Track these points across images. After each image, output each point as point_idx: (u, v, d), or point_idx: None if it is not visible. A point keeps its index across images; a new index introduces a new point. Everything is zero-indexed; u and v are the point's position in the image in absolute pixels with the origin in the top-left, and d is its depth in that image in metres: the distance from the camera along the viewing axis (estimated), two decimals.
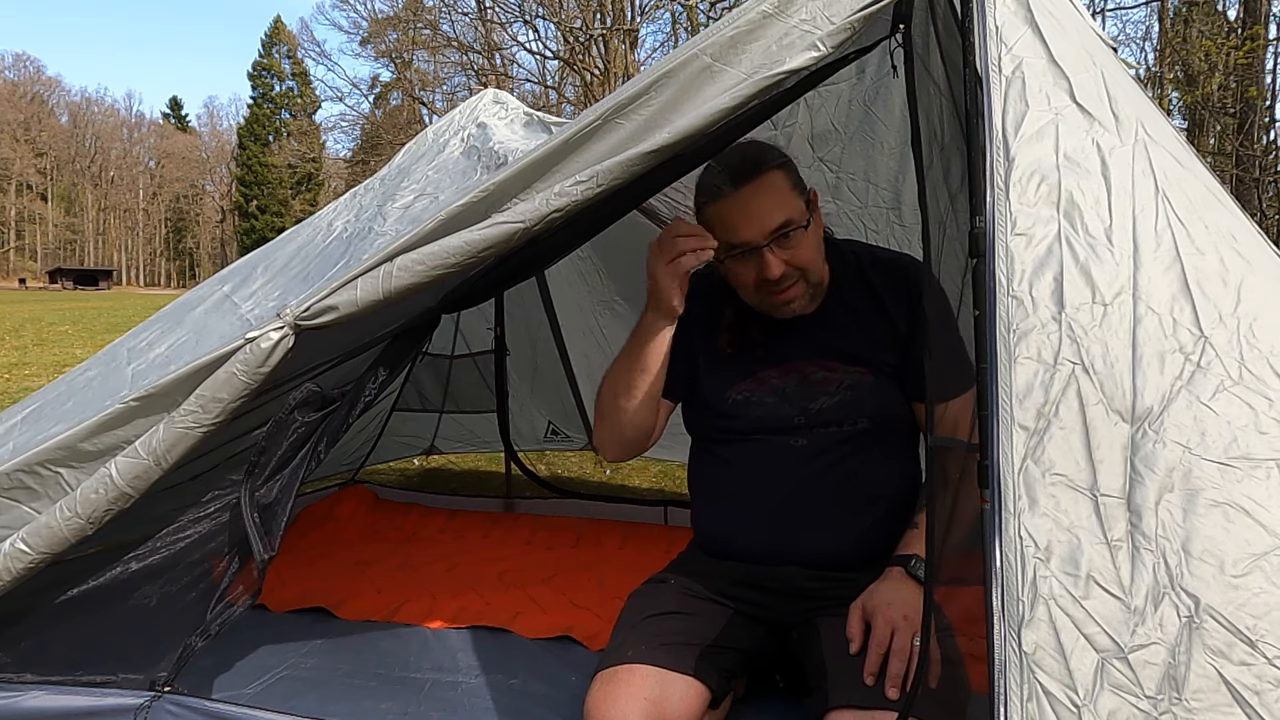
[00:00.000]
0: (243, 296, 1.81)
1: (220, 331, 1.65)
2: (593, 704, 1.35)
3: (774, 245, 1.49)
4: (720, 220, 1.51)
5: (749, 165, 1.50)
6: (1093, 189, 1.13)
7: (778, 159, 1.54)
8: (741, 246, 1.50)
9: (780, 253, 1.50)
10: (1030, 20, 1.25)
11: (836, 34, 1.26)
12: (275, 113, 66.99)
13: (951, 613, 1.34)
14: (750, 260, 1.51)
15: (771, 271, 1.49)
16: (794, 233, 1.50)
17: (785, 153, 1.57)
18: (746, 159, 1.51)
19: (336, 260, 1.76)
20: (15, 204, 71.47)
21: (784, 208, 1.50)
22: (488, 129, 2.14)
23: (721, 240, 1.50)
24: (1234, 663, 0.90)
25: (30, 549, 1.37)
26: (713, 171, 1.54)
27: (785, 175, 1.53)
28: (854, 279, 1.63)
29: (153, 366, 1.63)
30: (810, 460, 1.55)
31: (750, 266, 1.52)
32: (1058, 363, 1.04)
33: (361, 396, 1.52)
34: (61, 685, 1.45)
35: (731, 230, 1.50)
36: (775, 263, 1.49)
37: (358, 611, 2.13)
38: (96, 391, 1.64)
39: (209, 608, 1.47)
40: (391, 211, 1.89)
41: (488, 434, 3.75)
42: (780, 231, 1.49)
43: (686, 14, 19.01)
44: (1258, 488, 0.97)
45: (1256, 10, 11.14)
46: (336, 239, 1.93)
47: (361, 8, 30.00)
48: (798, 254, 1.51)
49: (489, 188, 1.35)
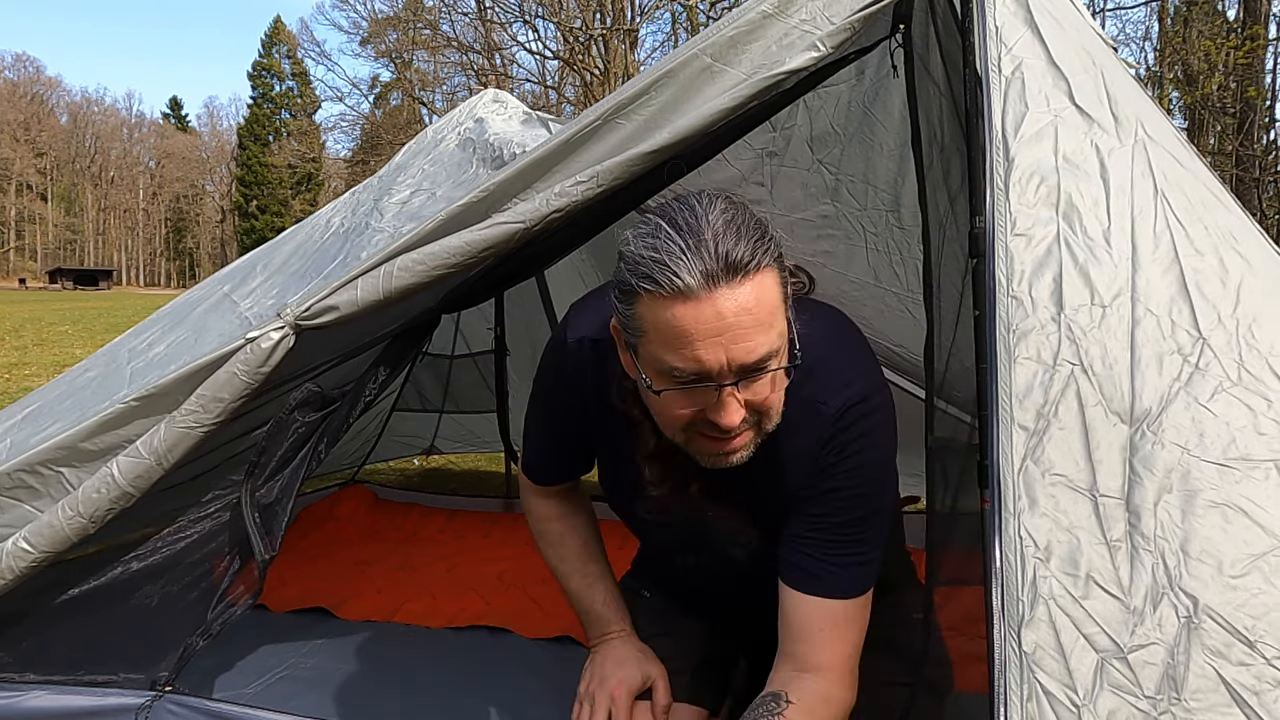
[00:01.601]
0: (241, 295, 1.81)
1: (219, 330, 1.65)
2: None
3: (739, 383, 1.02)
4: (668, 330, 1.00)
5: (731, 254, 0.98)
6: (1091, 191, 1.13)
7: (771, 249, 1.03)
8: (690, 377, 1.02)
9: (744, 391, 1.03)
10: (1030, 21, 1.25)
11: (836, 34, 1.26)
12: (275, 113, 67.02)
13: (951, 613, 1.34)
14: (693, 395, 1.04)
15: (728, 419, 1.03)
16: (771, 369, 1.04)
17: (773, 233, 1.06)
18: (728, 240, 0.99)
19: (334, 256, 1.76)
20: (15, 204, 71.46)
21: (771, 329, 1.02)
22: (484, 123, 2.14)
23: (659, 359, 1.02)
24: (1233, 663, 0.91)
25: (32, 548, 1.37)
26: (664, 245, 0.99)
27: (777, 275, 1.04)
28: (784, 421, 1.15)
29: (152, 365, 1.63)
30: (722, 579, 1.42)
31: (690, 402, 1.05)
32: (1057, 363, 1.04)
33: (361, 396, 1.52)
34: (63, 685, 1.45)
35: (684, 349, 0.99)
36: (735, 409, 1.03)
37: (358, 611, 2.13)
38: (96, 391, 1.64)
39: (210, 608, 1.47)
40: (389, 207, 1.88)
41: (488, 434, 3.75)
42: (756, 368, 1.02)
43: (686, 14, 19.02)
44: (1256, 489, 0.97)
45: (1256, 10, 11.15)
46: (334, 235, 1.93)
47: (361, 8, 30.03)
48: (763, 394, 1.05)
49: (489, 188, 1.35)
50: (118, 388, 1.56)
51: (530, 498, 1.53)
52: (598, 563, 1.49)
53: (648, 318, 1.01)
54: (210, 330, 1.67)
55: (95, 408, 1.47)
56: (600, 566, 1.49)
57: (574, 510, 1.51)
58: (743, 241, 0.99)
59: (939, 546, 1.34)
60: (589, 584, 1.47)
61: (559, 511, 1.50)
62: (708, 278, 0.97)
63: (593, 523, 1.53)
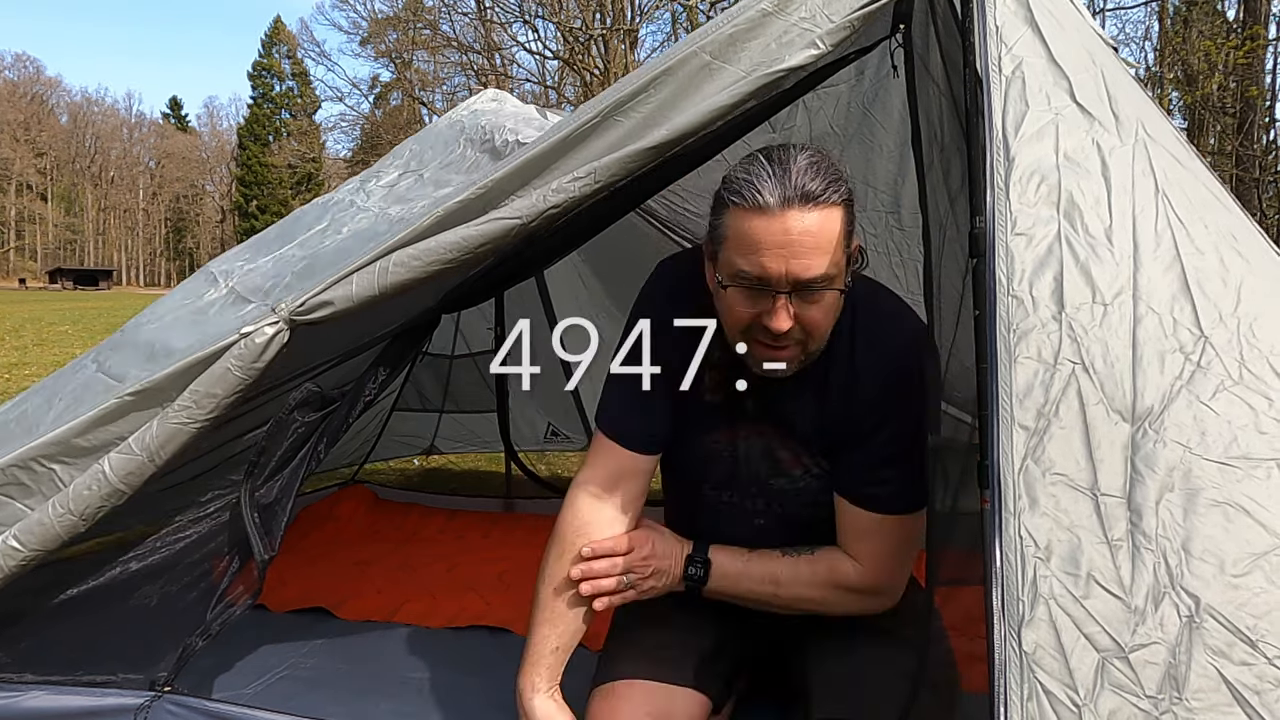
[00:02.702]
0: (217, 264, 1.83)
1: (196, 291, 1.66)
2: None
3: (794, 295, 1.21)
4: (744, 237, 1.20)
5: (809, 180, 1.18)
6: (1093, 189, 1.13)
7: (844, 192, 1.22)
8: (754, 280, 1.21)
9: (797, 306, 1.21)
10: (1030, 20, 1.25)
11: (836, 32, 1.26)
12: (275, 113, 67.06)
13: (951, 613, 1.34)
14: (754, 298, 1.23)
15: (778, 324, 1.21)
16: (824, 290, 1.22)
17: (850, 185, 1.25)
18: (809, 170, 1.19)
19: (311, 225, 1.77)
20: (15, 204, 71.48)
21: (828, 256, 1.20)
22: (478, 113, 2.15)
23: (734, 263, 1.22)
24: (1234, 662, 0.90)
25: (23, 546, 1.36)
26: (756, 170, 1.20)
27: (845, 217, 1.22)
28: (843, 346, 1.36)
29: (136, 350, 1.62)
30: (764, 530, 1.46)
31: (751, 304, 1.23)
32: (1058, 362, 1.04)
33: (361, 396, 1.52)
34: (62, 685, 1.45)
35: (752, 254, 1.19)
36: (785, 317, 1.21)
37: (358, 611, 2.13)
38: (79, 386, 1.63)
39: (209, 608, 1.47)
40: (375, 190, 1.88)
41: (488, 434, 3.75)
42: (810, 285, 1.20)
43: (686, 14, 19.01)
44: (1258, 487, 0.97)
45: (1256, 10, 11.15)
46: (316, 207, 1.94)
47: (361, 8, 30.03)
48: (813, 315, 1.23)
49: (487, 184, 1.35)
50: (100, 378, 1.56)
51: (573, 492, 1.43)
52: (577, 610, 1.39)
53: (730, 226, 1.22)
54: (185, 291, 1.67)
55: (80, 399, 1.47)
56: (577, 619, 1.40)
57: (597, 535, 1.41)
58: (819, 178, 1.18)
59: (939, 547, 1.34)
60: (564, 620, 1.38)
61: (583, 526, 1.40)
62: (783, 200, 1.17)
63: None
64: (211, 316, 1.58)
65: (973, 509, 1.04)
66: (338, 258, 1.54)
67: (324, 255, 1.62)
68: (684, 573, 1.41)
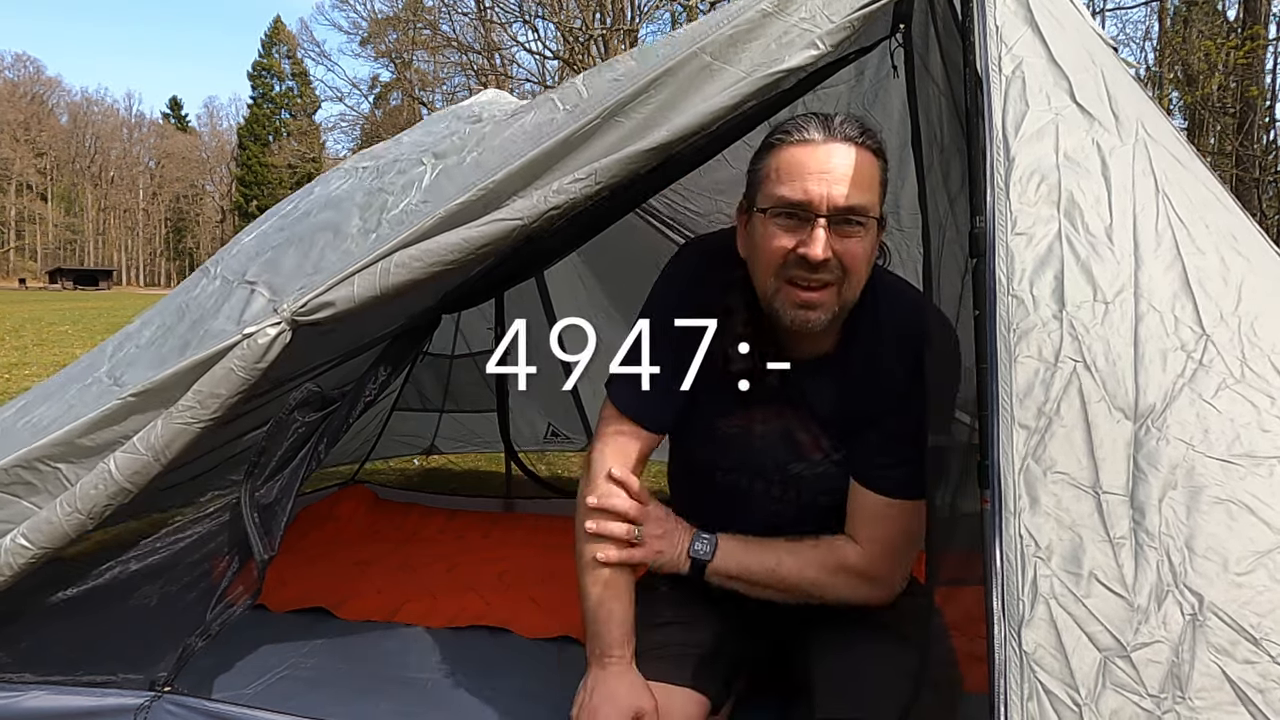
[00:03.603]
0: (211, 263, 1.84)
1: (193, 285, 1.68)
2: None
3: (832, 225, 1.25)
4: (788, 165, 1.27)
5: (849, 127, 1.28)
6: (1093, 188, 1.13)
7: (881, 145, 1.32)
8: (797, 206, 1.25)
9: (834, 237, 1.25)
10: (1030, 20, 1.25)
11: (836, 32, 1.26)
12: (275, 113, 67.11)
13: (952, 613, 1.34)
14: (794, 228, 1.26)
15: (815, 251, 1.23)
16: (859, 224, 1.27)
17: (886, 151, 1.34)
18: (848, 121, 1.29)
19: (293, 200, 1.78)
20: (15, 204, 71.51)
21: (866, 189, 1.27)
22: (472, 106, 2.16)
23: (775, 192, 1.27)
24: (1238, 661, 0.90)
25: (31, 544, 1.37)
26: (801, 118, 1.31)
27: (879, 165, 1.31)
28: (866, 324, 1.39)
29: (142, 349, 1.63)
30: (778, 514, 1.47)
31: (790, 234, 1.27)
32: (1059, 361, 1.04)
33: (362, 396, 1.52)
34: (61, 685, 1.45)
35: (796, 180, 1.25)
36: (824, 243, 1.24)
37: (358, 611, 2.13)
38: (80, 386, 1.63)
39: (209, 608, 1.47)
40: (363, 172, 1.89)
41: (488, 434, 3.75)
42: (847, 214, 1.25)
43: (686, 14, 19.02)
44: (1261, 485, 0.97)
45: (1256, 10, 11.15)
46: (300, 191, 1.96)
47: (361, 8, 30.03)
48: (851, 248, 1.27)
49: (488, 185, 1.35)
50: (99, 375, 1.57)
51: (599, 480, 1.44)
52: (629, 579, 1.44)
53: (775, 160, 1.29)
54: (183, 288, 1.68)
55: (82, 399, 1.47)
56: (629, 585, 1.43)
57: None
58: (859, 127, 1.29)
59: (939, 547, 1.34)
60: (612, 596, 1.41)
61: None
62: (827, 135, 1.27)
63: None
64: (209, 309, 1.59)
65: (973, 509, 1.04)
66: (312, 229, 1.56)
67: (302, 224, 1.63)
68: (690, 548, 1.43)
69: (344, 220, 1.53)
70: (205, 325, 1.52)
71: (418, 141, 1.82)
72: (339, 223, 1.53)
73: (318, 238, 1.54)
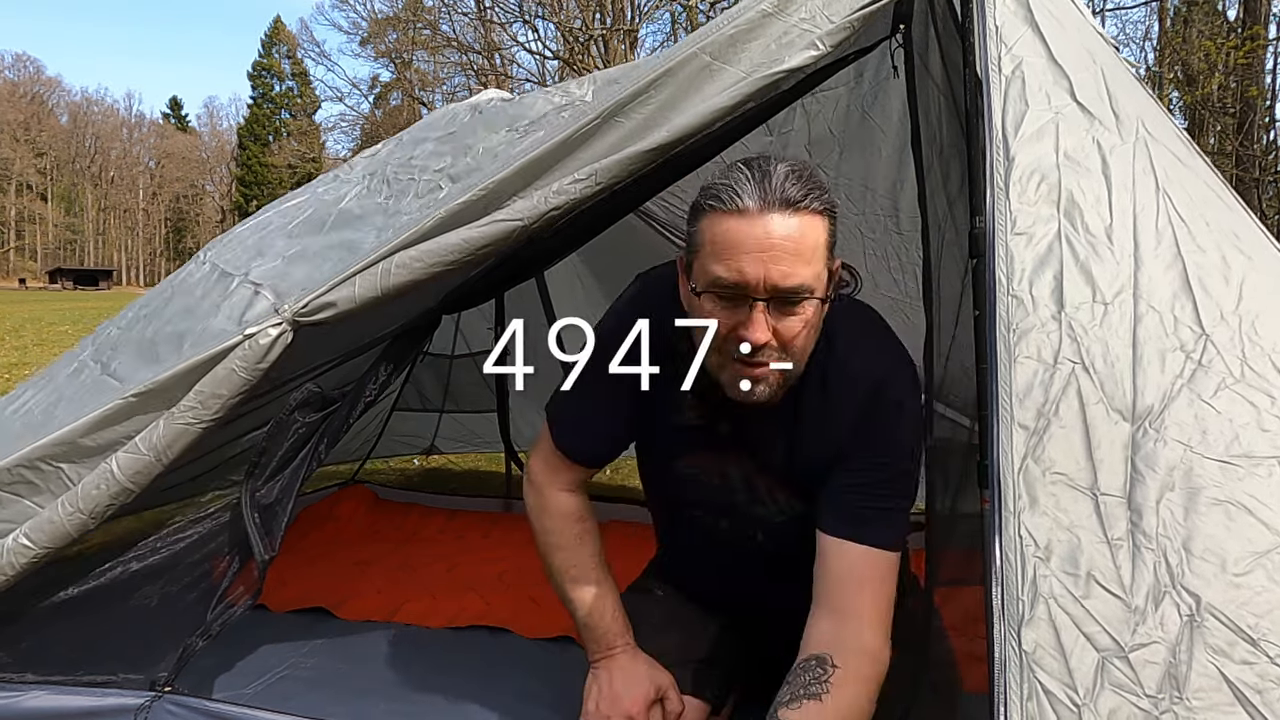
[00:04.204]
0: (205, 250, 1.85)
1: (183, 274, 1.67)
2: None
3: (772, 305, 1.14)
4: (722, 241, 1.14)
5: (791, 187, 1.13)
6: (1093, 187, 1.13)
7: (826, 201, 1.17)
8: (732, 287, 1.14)
9: (775, 318, 1.15)
10: (1030, 20, 1.25)
11: (836, 33, 1.26)
12: (275, 113, 67.10)
13: (951, 613, 1.34)
14: (732, 308, 1.15)
15: (756, 335, 1.14)
16: (804, 302, 1.15)
17: (832, 197, 1.20)
18: (790, 178, 1.14)
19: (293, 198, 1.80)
20: (15, 204, 71.49)
21: (809, 265, 1.14)
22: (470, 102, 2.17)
23: (709, 270, 1.15)
24: (1236, 661, 0.90)
25: (33, 544, 1.37)
26: (735, 176, 1.15)
27: (827, 227, 1.17)
28: (815, 376, 1.29)
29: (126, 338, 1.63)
30: (751, 553, 1.45)
31: (728, 314, 1.16)
32: (1058, 362, 1.04)
33: (362, 397, 1.52)
34: (62, 685, 1.45)
35: (730, 260, 1.13)
36: (763, 327, 1.14)
37: (358, 611, 2.13)
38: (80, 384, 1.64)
39: (209, 608, 1.47)
40: (358, 162, 1.90)
41: (488, 434, 3.75)
42: (789, 294, 1.13)
43: (686, 14, 19.01)
44: (1259, 486, 0.97)
45: (1256, 10, 11.15)
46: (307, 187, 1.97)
47: (361, 8, 30.00)
48: (792, 327, 1.16)
49: (488, 185, 1.35)
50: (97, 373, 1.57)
51: (550, 491, 1.45)
52: (610, 576, 1.44)
53: (707, 232, 1.16)
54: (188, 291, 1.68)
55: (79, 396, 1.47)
56: (611, 579, 1.44)
57: (591, 513, 1.46)
58: (800, 185, 1.14)
59: (939, 547, 1.34)
60: (600, 595, 1.41)
61: (580, 510, 1.44)
62: (764, 202, 1.12)
63: (599, 532, 1.48)
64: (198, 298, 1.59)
65: (973, 510, 1.04)
66: (328, 249, 1.56)
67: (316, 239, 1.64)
68: None
69: (360, 241, 1.54)
70: (204, 322, 1.52)
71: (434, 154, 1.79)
72: (356, 244, 1.53)
73: (333, 255, 1.54)
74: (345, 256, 1.49)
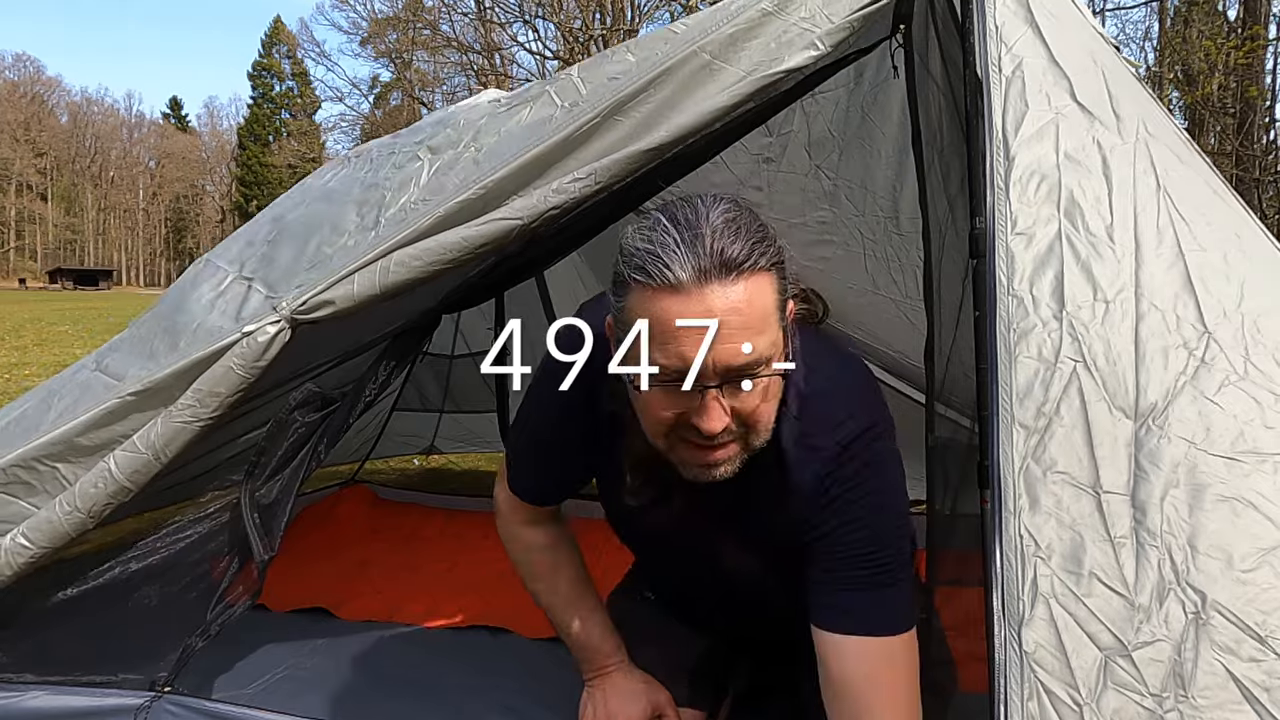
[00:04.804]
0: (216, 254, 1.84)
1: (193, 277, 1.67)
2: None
3: (724, 387, 0.97)
4: (656, 325, 0.96)
5: (728, 251, 0.94)
6: (1093, 187, 1.13)
7: (771, 254, 0.99)
8: (675, 374, 0.96)
9: (730, 398, 0.98)
10: (1030, 20, 1.25)
11: (836, 33, 1.25)
12: (275, 113, 67.17)
13: (951, 613, 1.34)
14: (677, 396, 0.98)
15: (711, 425, 0.97)
16: (760, 375, 0.98)
17: (778, 240, 1.02)
18: (724, 232, 0.95)
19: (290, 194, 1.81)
20: (15, 204, 71.52)
21: (762, 334, 0.96)
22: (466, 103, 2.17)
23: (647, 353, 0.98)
24: (1243, 659, 0.90)
25: (31, 544, 1.37)
26: (659, 237, 0.96)
27: (774, 281, 0.99)
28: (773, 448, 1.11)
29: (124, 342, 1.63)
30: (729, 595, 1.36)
31: (675, 403, 0.99)
32: (1059, 361, 1.04)
33: (362, 397, 1.52)
34: (61, 685, 1.45)
35: (668, 345, 0.95)
36: (718, 414, 0.97)
37: (358, 611, 2.13)
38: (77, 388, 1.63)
39: (209, 608, 1.47)
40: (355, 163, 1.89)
41: (488, 434, 3.75)
42: (742, 372, 0.97)
43: (686, 14, 19.00)
44: (1265, 482, 0.97)
45: (1256, 10, 11.16)
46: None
47: (361, 8, 30.02)
48: (751, 404, 1.00)
49: (487, 184, 1.35)
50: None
51: (515, 527, 1.41)
52: (592, 594, 1.41)
53: (637, 310, 0.97)
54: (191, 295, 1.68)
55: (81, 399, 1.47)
56: (595, 598, 1.41)
57: (562, 537, 1.42)
58: (740, 241, 0.95)
59: (939, 547, 1.34)
60: (585, 617, 1.37)
61: (549, 540, 1.41)
62: (700, 273, 0.93)
63: (578, 550, 1.44)
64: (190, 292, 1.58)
65: (973, 510, 1.04)
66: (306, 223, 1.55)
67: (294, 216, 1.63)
68: None
69: (340, 215, 1.51)
70: (198, 319, 1.51)
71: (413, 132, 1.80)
72: (335, 218, 1.51)
73: (312, 232, 1.52)
74: (326, 233, 1.46)
